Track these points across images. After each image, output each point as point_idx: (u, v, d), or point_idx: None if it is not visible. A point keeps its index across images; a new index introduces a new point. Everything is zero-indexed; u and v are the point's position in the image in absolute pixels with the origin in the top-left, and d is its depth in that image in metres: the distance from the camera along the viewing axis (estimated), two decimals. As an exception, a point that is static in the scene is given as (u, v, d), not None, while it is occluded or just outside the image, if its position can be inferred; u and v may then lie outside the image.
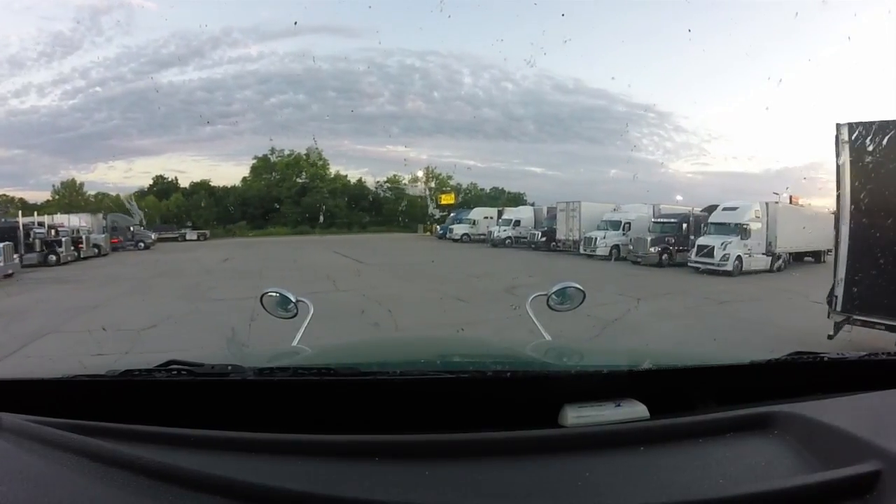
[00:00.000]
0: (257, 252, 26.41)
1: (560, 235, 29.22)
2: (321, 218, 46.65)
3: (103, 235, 28.24)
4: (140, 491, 0.76)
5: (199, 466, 0.79)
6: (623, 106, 61.80)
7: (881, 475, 0.74)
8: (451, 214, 40.67)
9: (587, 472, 0.82)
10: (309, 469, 0.84)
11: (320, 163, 52.68)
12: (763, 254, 21.87)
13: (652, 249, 23.25)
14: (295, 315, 2.37)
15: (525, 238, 31.58)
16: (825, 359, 1.19)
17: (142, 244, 31.24)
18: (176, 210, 44.56)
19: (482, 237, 34.39)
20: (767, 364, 1.17)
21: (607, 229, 26.48)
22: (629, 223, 26.38)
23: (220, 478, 0.77)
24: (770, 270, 21.56)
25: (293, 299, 2.34)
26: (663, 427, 0.94)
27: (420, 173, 56.03)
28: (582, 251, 26.19)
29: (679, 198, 28.75)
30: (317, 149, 51.31)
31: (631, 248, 24.06)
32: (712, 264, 20.21)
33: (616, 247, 25.65)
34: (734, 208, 22.39)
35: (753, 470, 0.82)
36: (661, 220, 25.32)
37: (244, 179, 52.67)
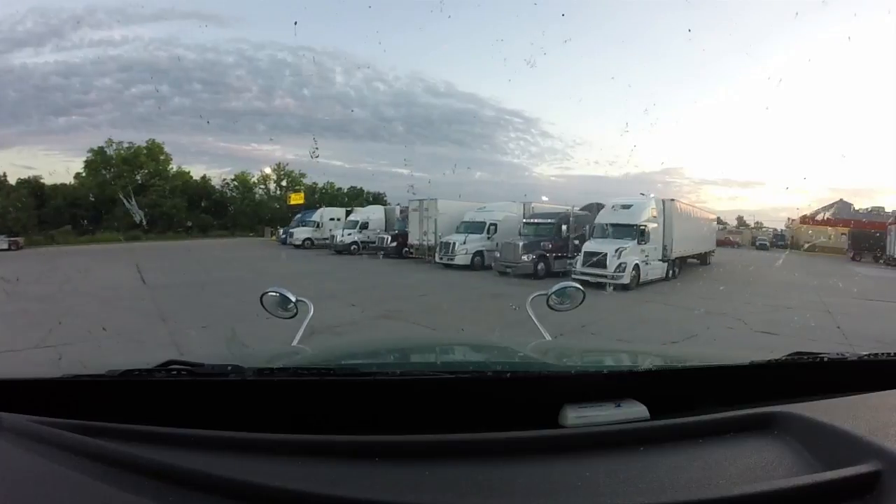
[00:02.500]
0: (40, 268, 20.23)
1: (413, 240, 24.60)
2: (161, 221, 41.07)
3: None
4: (140, 491, 0.76)
5: (199, 466, 0.79)
6: (492, 110, 62.61)
7: (881, 475, 0.75)
8: (297, 216, 35.81)
9: (587, 472, 0.83)
10: (309, 469, 0.83)
11: (162, 157, 46.27)
12: (660, 259, 18.40)
13: (524, 257, 18.71)
14: (295, 315, 2.31)
15: (374, 243, 26.91)
16: (825, 359, 1.20)
17: (-76, 256, 23.74)
18: (-9, 212, 36.20)
19: (327, 242, 29.85)
20: (767, 364, 1.19)
21: (468, 232, 21.91)
22: (495, 225, 22.01)
23: (220, 478, 0.76)
24: (666, 278, 18.51)
25: (293, 299, 2.28)
26: (663, 427, 0.95)
27: (268, 170, 51.40)
28: (438, 259, 21.78)
29: (545, 198, 26.00)
30: (155, 140, 45.41)
31: (498, 255, 19.63)
32: (605, 276, 16.17)
33: (479, 254, 21.11)
34: (628, 206, 18.45)
35: (753, 470, 0.82)
36: (535, 220, 21.04)
37: (77, 176, 45.54)
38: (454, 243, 20.85)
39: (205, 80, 55.24)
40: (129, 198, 35.25)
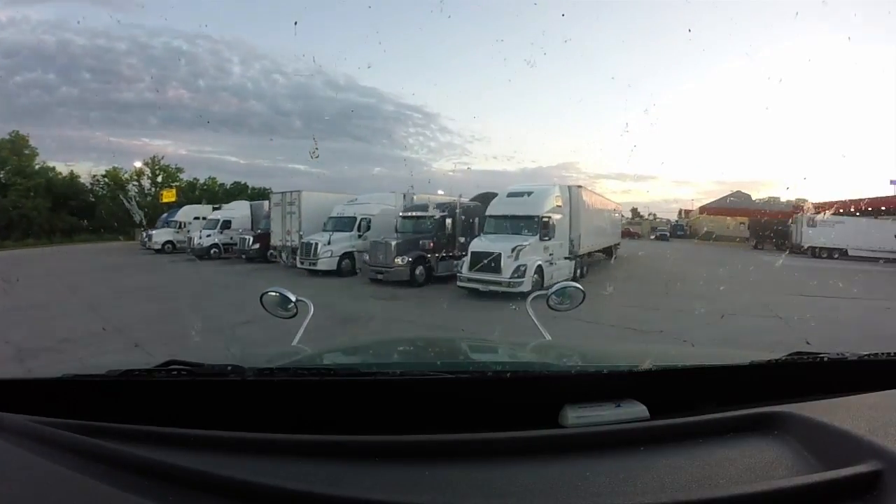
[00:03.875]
0: None
1: (276, 241, 20.09)
2: (20, 225, 34.96)
3: None
4: (140, 491, 0.76)
5: (199, 466, 0.79)
6: (392, 105, 60.48)
7: (881, 475, 0.75)
8: (163, 216, 30.20)
9: (587, 472, 0.84)
10: (309, 469, 0.83)
11: (27, 152, 40.17)
12: (566, 257, 14.55)
13: (399, 260, 14.53)
14: (295, 315, 2.28)
15: (237, 245, 22.39)
16: (825, 359, 1.22)
17: None
18: None
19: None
20: (768, 364, 1.20)
21: (335, 230, 17.56)
22: (368, 220, 17.87)
23: (220, 478, 0.76)
24: (573, 279, 13.46)
25: (293, 299, 2.26)
26: (663, 427, 0.95)
27: (138, 164, 45.24)
28: (300, 264, 17.37)
29: (441, 192, 21.39)
30: (20, 132, 39.39)
31: (367, 258, 15.60)
32: (500, 283, 12.09)
33: (348, 256, 16.91)
34: (527, 194, 14.29)
35: (753, 470, 0.82)
36: (414, 213, 16.86)
37: (-67, 176, 40.09)
38: (316, 244, 17.29)
39: (94, 68, 51.55)
40: (129, 198, 31.83)
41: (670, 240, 41.71)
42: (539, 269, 12.69)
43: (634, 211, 55.59)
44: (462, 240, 15.17)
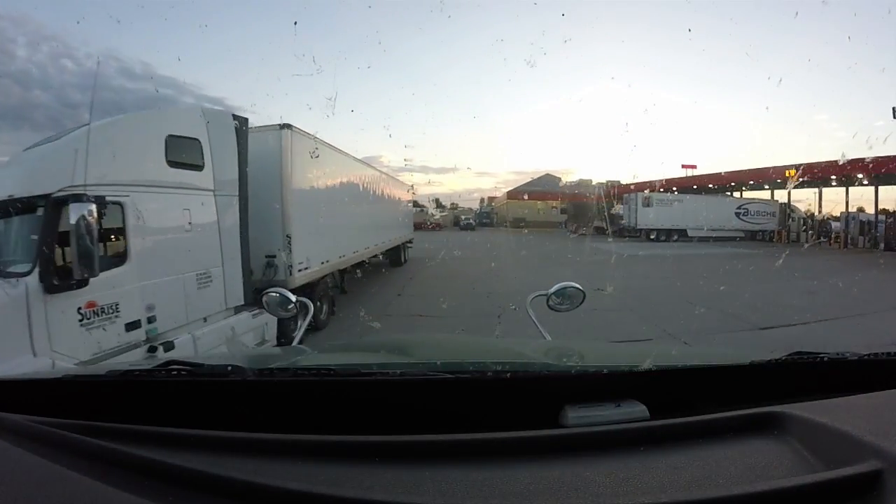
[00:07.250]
0: None
1: None
2: None
3: None
4: (140, 491, 0.75)
5: (199, 466, 0.78)
6: (192, 98, 51.41)
7: (881, 475, 0.75)
8: None
9: (587, 472, 0.83)
10: (309, 469, 0.82)
11: None
12: (236, 308, 5.74)
13: None
14: (295, 314, 2.27)
15: None
16: (825, 359, 1.21)
17: None
18: None
19: None
20: (768, 364, 1.19)
21: None
22: None
23: (220, 478, 0.76)
24: (278, 344, 6.24)
25: (293, 299, 2.22)
26: (663, 427, 0.96)
27: None
28: None
29: None
30: None
31: None
32: None
33: None
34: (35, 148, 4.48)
35: (753, 470, 0.82)
36: None
37: None
38: None
39: None
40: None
41: (476, 229, 39.73)
42: None
43: (436, 201, 55.10)
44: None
